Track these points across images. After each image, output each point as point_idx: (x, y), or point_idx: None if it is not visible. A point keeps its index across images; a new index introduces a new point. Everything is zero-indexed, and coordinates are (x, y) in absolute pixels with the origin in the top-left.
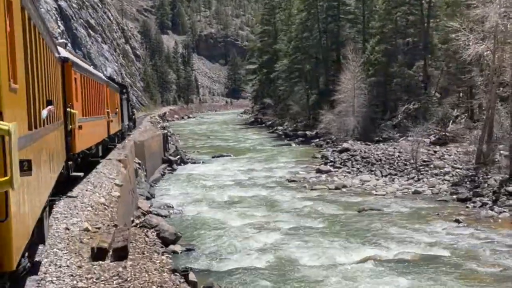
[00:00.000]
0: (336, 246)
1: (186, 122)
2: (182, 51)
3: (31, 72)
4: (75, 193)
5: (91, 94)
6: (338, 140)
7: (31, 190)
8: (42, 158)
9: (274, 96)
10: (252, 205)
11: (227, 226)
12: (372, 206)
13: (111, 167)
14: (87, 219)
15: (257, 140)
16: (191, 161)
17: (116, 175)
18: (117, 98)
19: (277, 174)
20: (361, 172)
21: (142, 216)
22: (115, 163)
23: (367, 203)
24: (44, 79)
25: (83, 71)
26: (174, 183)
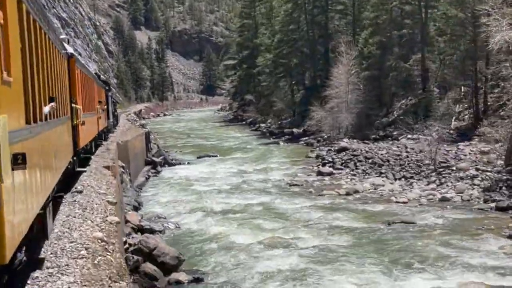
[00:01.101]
0: (376, 274)
1: (162, 119)
2: (155, 47)
3: (29, 66)
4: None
5: (87, 90)
6: (331, 138)
7: (28, 184)
8: (44, 153)
9: (255, 93)
10: (255, 215)
11: (234, 244)
12: (400, 217)
13: (99, 177)
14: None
15: (241, 138)
16: (176, 162)
17: (106, 188)
18: (103, 94)
19: (273, 177)
20: (368, 174)
21: (133, 232)
22: (103, 171)
23: (392, 213)
24: (46, 74)
25: (81, 66)
26: (161, 188)
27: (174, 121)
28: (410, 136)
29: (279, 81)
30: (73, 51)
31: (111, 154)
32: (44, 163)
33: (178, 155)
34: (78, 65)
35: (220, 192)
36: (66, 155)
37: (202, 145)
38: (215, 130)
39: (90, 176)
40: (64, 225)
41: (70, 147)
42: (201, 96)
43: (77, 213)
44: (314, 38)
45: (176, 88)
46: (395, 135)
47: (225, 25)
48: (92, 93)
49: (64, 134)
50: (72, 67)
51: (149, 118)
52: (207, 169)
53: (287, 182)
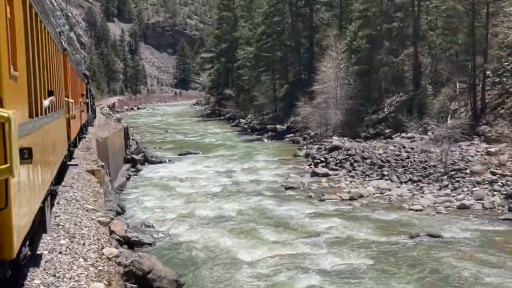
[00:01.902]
0: None
1: (136, 113)
2: (129, 40)
3: (32, 60)
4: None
5: (75, 84)
6: (319, 135)
7: (32, 179)
8: (44, 147)
9: (234, 87)
10: (253, 225)
11: (235, 261)
12: (421, 228)
13: (83, 186)
14: None
15: (222, 134)
16: (157, 160)
17: (94, 201)
18: (84, 87)
19: (264, 178)
20: (369, 176)
21: (119, 245)
22: (86, 176)
23: (410, 224)
24: (46, 67)
25: (70, 60)
26: (143, 189)
27: (149, 115)
28: (404, 135)
29: (260, 75)
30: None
31: (93, 154)
32: (44, 157)
33: (157, 152)
34: (69, 59)
35: (208, 195)
36: (62, 149)
37: (182, 141)
38: (193, 125)
39: (73, 184)
40: (47, 269)
41: (66, 141)
42: (175, 90)
43: (63, 245)
44: (299, 31)
45: (150, 82)
46: (387, 133)
47: (200, 18)
48: (77, 87)
49: (60, 128)
50: (65, 61)
51: (123, 112)
52: (190, 167)
53: (281, 184)
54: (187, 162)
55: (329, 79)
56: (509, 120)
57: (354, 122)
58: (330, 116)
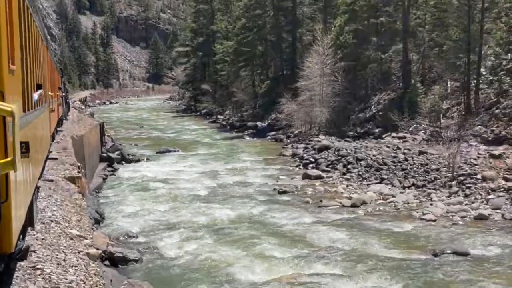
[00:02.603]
0: None
1: (109, 108)
2: (101, 33)
3: (24, 53)
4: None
5: (53, 77)
6: (303, 134)
7: (26, 172)
8: (35, 140)
9: (210, 82)
10: (249, 236)
11: (235, 281)
12: (444, 244)
13: (62, 199)
14: None
15: (201, 131)
16: (134, 158)
17: (77, 221)
18: (60, 80)
19: (252, 180)
20: (366, 180)
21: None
22: (65, 186)
23: (427, 237)
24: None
25: (50, 53)
26: (122, 192)
27: (122, 110)
28: (395, 135)
29: (239, 70)
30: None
31: (70, 156)
32: (34, 150)
33: (134, 149)
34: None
35: (194, 199)
36: (47, 142)
37: (159, 137)
38: (169, 120)
39: (50, 196)
40: None
41: (49, 135)
42: (148, 84)
43: None
44: (281, 25)
45: (122, 76)
46: (376, 132)
47: (173, 12)
48: (55, 80)
49: (45, 122)
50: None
51: (95, 106)
52: (170, 167)
53: (273, 188)
54: (167, 161)
55: (315, 76)
56: (506, 120)
57: (341, 120)
58: (315, 114)
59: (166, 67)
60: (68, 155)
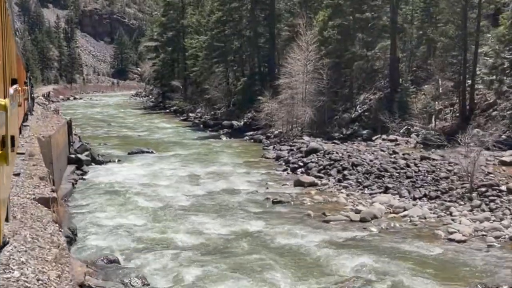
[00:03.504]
0: None
1: (73, 103)
2: (64, 27)
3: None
4: None
5: (20, 70)
6: (285, 135)
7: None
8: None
9: (180, 78)
10: (250, 259)
11: None
12: (490, 275)
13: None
14: None
15: (173, 129)
16: (105, 160)
17: (56, 277)
18: (25, 74)
19: (239, 186)
20: (368, 188)
21: None
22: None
23: (467, 265)
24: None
25: (17, 46)
26: (95, 201)
27: (87, 106)
28: (386, 137)
29: (213, 66)
30: None
31: (39, 165)
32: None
33: (103, 149)
34: (16, 44)
35: (178, 210)
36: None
37: (129, 136)
38: (138, 118)
39: (17, 233)
40: None
41: (17, 130)
42: (112, 80)
43: None
44: (258, 19)
45: (86, 71)
46: (364, 134)
47: (139, 7)
48: (22, 73)
49: (16, 117)
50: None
51: (58, 102)
52: (146, 170)
53: (265, 197)
54: (141, 163)
55: (297, 73)
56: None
57: (325, 121)
58: (298, 113)
59: (131, 62)
60: (37, 164)
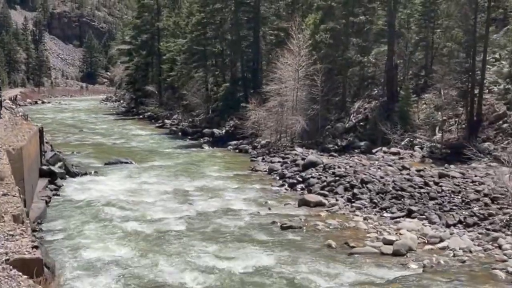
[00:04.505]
0: None
1: (42, 108)
2: (32, 29)
3: None
4: None
5: None
6: (274, 145)
7: None
8: None
9: (154, 83)
10: None
11: None
12: None
13: None
14: None
15: (149, 137)
16: (80, 171)
17: None
18: None
19: (236, 206)
20: (386, 210)
21: None
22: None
23: None
24: None
25: None
26: (73, 224)
27: (56, 111)
28: (387, 149)
29: (191, 71)
30: None
31: (12, 194)
32: None
33: (77, 158)
34: None
35: (171, 237)
36: None
37: (103, 144)
38: (111, 124)
39: None
40: None
41: None
42: (81, 84)
43: None
44: (241, 21)
45: (54, 74)
46: (362, 146)
47: (109, 11)
48: None
49: None
50: None
51: (26, 106)
52: (126, 184)
53: (271, 221)
54: (119, 176)
55: (288, 79)
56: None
57: (319, 130)
58: (287, 122)
59: (101, 66)
60: (8, 193)
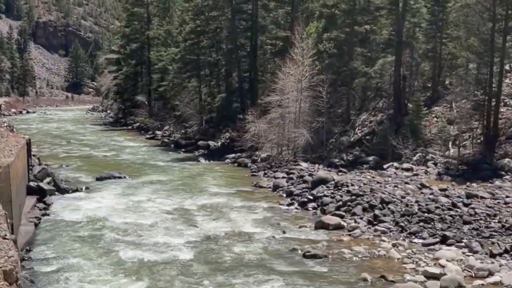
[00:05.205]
0: None
1: (27, 117)
2: (17, 38)
3: None
4: None
5: None
6: (276, 159)
7: None
8: None
9: (144, 93)
10: None
11: None
12: None
13: None
14: None
15: (141, 149)
16: (71, 188)
17: None
18: None
19: (247, 229)
20: (415, 235)
21: None
22: None
23: None
24: None
25: None
26: (65, 252)
27: (42, 121)
28: (398, 165)
29: (184, 81)
30: None
31: None
32: None
33: (66, 172)
34: None
35: (179, 268)
36: None
37: (93, 156)
38: (99, 135)
39: None
40: None
41: None
42: (67, 94)
43: None
44: (238, 30)
45: (39, 83)
46: (370, 161)
47: (95, 20)
48: None
49: None
50: None
51: (10, 115)
52: (121, 202)
53: (291, 247)
54: (113, 192)
55: (290, 89)
56: None
57: (324, 144)
58: (289, 135)
59: (87, 76)
60: None
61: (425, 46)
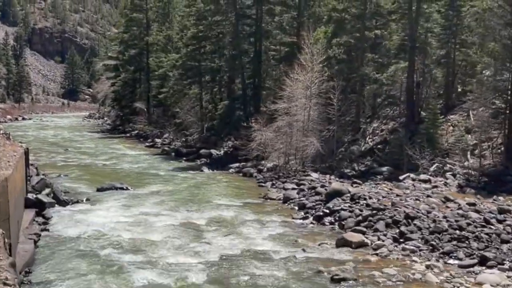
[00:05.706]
0: None
1: (23, 124)
2: (13, 44)
3: None
4: None
5: None
6: (283, 169)
7: None
8: None
9: (142, 100)
10: None
11: None
12: None
13: None
14: None
15: (141, 158)
16: (71, 199)
17: None
18: None
19: (262, 246)
20: (449, 256)
21: None
22: None
23: None
24: None
25: None
26: (68, 275)
27: (38, 128)
28: (415, 176)
29: (185, 87)
30: None
31: None
32: None
33: (64, 182)
34: None
35: None
36: None
37: (92, 165)
38: (97, 142)
39: None
40: None
41: None
42: (63, 100)
43: None
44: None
45: (35, 90)
46: (384, 172)
47: (91, 27)
48: None
49: None
50: None
51: (6, 122)
52: (125, 215)
53: (315, 269)
54: (116, 204)
55: (299, 97)
56: None
57: (334, 153)
58: (300, 144)
59: (83, 83)
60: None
61: (438, 52)
